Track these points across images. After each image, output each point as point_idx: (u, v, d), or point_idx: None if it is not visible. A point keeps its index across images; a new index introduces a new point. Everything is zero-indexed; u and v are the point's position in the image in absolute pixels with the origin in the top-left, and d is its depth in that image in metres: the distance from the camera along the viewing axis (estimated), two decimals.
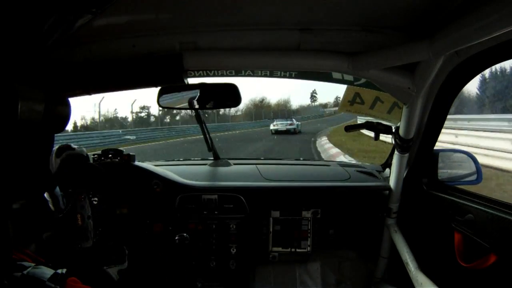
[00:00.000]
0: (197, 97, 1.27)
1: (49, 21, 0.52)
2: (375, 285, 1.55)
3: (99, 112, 21.83)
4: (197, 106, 1.31)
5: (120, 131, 17.69)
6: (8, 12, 0.47)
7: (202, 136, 1.71)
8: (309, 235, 1.49)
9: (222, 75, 1.54)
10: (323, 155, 8.74)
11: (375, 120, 1.47)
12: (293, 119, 21.86)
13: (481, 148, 5.90)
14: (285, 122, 20.45)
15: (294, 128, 19.02)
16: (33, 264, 0.51)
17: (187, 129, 19.44)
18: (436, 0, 0.76)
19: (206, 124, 1.72)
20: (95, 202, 1.20)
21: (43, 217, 0.91)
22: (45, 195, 1.01)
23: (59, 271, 0.52)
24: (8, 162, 0.46)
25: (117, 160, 1.41)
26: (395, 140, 1.26)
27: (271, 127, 19.72)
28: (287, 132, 18.48)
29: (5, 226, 0.46)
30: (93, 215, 1.05)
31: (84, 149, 1.14)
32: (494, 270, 0.96)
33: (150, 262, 1.40)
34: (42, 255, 0.59)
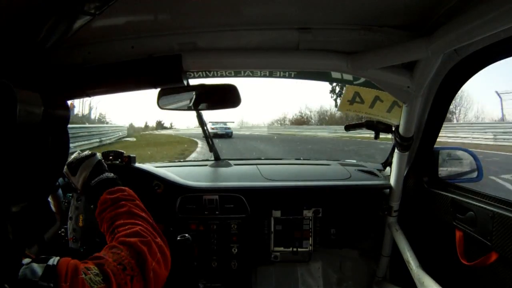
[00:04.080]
0: (197, 98, 1.27)
1: (48, 23, 0.52)
2: (377, 284, 1.55)
3: None
4: (197, 107, 1.31)
5: None
6: (6, 14, 0.47)
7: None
8: (310, 234, 1.48)
9: (222, 76, 1.54)
10: None
11: (375, 119, 1.47)
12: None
13: None
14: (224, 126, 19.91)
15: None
16: (25, 261, 0.49)
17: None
18: None
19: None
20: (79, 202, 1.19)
21: (44, 218, 0.91)
22: (48, 197, 1.01)
23: (51, 262, 0.50)
24: (8, 165, 0.46)
25: (117, 162, 1.41)
26: (395, 139, 1.25)
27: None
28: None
29: (5, 229, 0.46)
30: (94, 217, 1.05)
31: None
32: (495, 268, 0.96)
33: None
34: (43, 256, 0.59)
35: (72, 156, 0.94)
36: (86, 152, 0.92)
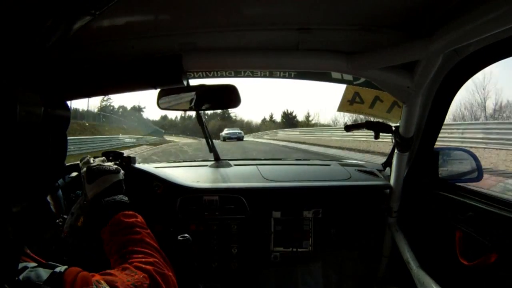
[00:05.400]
0: (197, 98, 1.27)
1: (47, 23, 0.52)
2: (377, 285, 1.54)
3: None
4: (197, 108, 1.31)
5: None
6: (6, 14, 0.47)
7: None
8: (310, 235, 1.48)
9: (222, 76, 1.54)
10: None
11: (374, 119, 1.47)
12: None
13: None
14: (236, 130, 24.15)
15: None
16: (29, 265, 0.49)
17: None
18: None
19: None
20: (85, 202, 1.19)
21: (44, 219, 0.91)
22: (47, 198, 1.01)
23: (58, 269, 0.49)
24: (8, 165, 0.46)
25: (117, 162, 1.41)
26: (395, 139, 1.25)
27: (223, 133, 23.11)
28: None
29: (5, 229, 0.46)
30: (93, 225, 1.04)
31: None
32: (495, 268, 0.96)
33: None
34: (43, 256, 0.59)
35: (97, 160, 0.89)
36: (112, 165, 0.88)
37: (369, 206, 1.49)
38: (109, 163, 0.89)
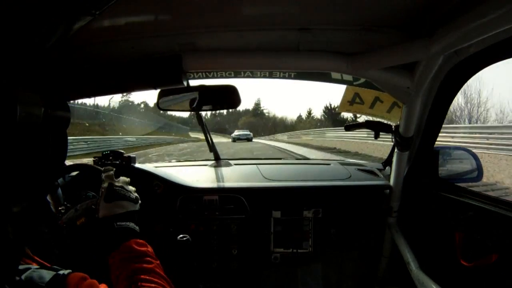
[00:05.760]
0: (197, 99, 1.27)
1: (48, 23, 0.52)
2: (377, 285, 1.54)
3: None
4: (197, 108, 1.31)
5: None
6: (6, 14, 0.47)
7: None
8: (310, 235, 1.48)
9: (222, 77, 1.54)
10: None
11: (375, 119, 1.47)
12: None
13: None
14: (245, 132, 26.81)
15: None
16: (33, 267, 0.48)
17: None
18: None
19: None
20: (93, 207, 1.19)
21: (44, 218, 0.91)
22: (47, 197, 1.01)
23: (61, 272, 0.49)
24: (9, 165, 0.46)
25: (117, 162, 1.41)
26: (395, 139, 1.25)
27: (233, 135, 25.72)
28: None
29: (5, 229, 0.46)
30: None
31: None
32: (495, 268, 0.96)
33: None
34: (43, 256, 0.59)
35: (121, 180, 0.87)
36: (134, 193, 0.86)
37: (369, 206, 1.49)
38: (131, 188, 0.87)
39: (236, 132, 26.16)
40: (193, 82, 1.18)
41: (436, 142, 1.30)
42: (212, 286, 1.46)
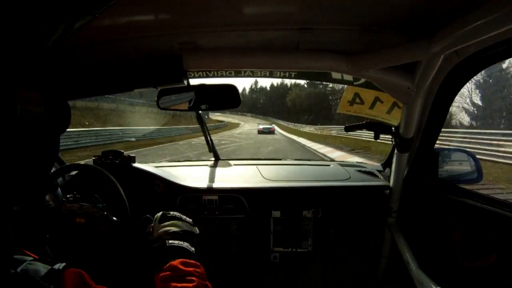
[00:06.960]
0: (197, 98, 1.28)
1: (48, 23, 0.52)
2: (376, 285, 1.55)
3: None
4: (197, 108, 1.31)
5: None
6: (6, 13, 0.47)
7: None
8: (310, 235, 1.48)
9: (222, 76, 1.54)
10: None
11: (375, 120, 1.47)
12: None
13: None
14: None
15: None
16: (28, 258, 0.47)
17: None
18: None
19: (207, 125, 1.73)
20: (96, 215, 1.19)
21: (44, 218, 0.91)
22: (47, 197, 1.01)
23: (57, 266, 0.48)
24: (8, 165, 0.46)
25: (117, 161, 1.41)
26: (395, 140, 1.25)
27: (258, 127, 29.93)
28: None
29: (5, 229, 0.46)
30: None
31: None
32: (495, 269, 0.96)
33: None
34: (43, 255, 0.59)
35: (177, 214, 0.85)
36: (190, 225, 0.83)
37: (369, 206, 1.49)
38: (189, 219, 0.86)
39: (260, 126, 30.77)
40: (194, 81, 1.19)
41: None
42: (211, 285, 1.46)
